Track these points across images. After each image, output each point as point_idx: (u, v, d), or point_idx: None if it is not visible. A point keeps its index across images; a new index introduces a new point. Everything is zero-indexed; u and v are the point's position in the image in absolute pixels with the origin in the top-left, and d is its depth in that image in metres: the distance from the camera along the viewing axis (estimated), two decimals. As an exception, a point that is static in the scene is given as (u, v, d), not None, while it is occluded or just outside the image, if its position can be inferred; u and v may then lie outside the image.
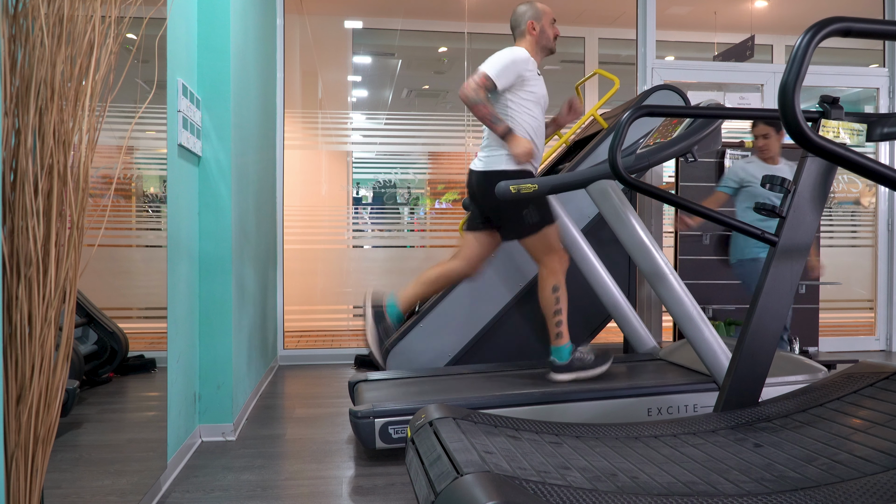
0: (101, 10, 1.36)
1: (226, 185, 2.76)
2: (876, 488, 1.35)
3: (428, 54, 5.51)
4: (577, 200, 3.64)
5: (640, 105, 2.02)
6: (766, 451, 1.64)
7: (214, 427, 2.75)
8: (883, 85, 5.09)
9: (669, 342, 3.88)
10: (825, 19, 1.29)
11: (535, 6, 2.93)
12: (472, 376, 3.02)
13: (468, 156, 5.03)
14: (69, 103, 1.31)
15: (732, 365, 1.97)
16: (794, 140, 1.34)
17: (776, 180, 1.93)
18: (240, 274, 3.00)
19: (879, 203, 5.10)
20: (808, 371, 2.78)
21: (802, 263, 1.97)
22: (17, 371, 1.22)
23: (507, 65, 2.76)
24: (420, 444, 1.64)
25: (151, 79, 2.04)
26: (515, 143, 2.75)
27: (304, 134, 4.90)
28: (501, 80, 2.75)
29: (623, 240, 2.70)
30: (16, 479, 1.23)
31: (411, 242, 5.09)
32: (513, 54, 2.80)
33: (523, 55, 2.82)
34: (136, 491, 1.96)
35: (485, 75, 2.73)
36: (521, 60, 2.80)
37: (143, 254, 2.25)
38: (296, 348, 4.71)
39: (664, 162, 2.43)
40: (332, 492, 2.23)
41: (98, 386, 1.82)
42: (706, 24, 5.50)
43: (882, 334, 5.12)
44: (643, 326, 3.36)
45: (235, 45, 2.87)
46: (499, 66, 2.75)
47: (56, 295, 1.26)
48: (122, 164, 1.91)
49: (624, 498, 1.32)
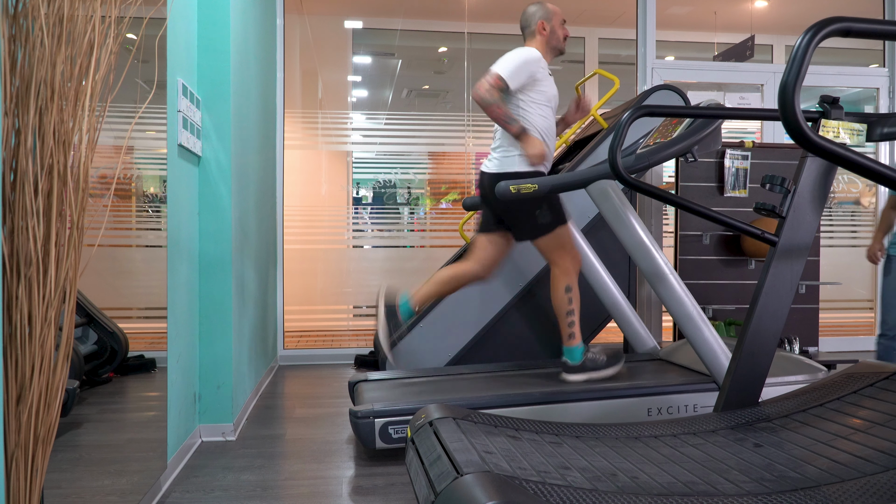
0: (101, 10, 1.36)
1: (226, 185, 2.76)
2: (876, 488, 1.35)
3: (428, 54, 5.51)
4: (577, 200, 3.64)
5: (640, 105, 2.02)
6: (766, 451, 1.64)
7: (214, 427, 2.75)
8: (883, 85, 5.09)
9: (669, 342, 3.88)
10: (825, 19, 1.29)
11: (546, 7, 2.93)
12: (472, 376, 3.02)
13: (468, 156, 5.03)
14: (69, 103, 1.31)
15: (732, 365, 1.97)
16: (794, 140, 1.34)
17: (776, 180, 1.93)
18: (240, 274, 3.00)
19: (879, 203, 5.10)
20: (808, 371, 2.78)
21: (802, 263, 1.97)
22: (17, 371, 1.22)
23: (519, 65, 2.76)
24: (420, 444, 1.64)
25: (151, 79, 2.04)
26: (530, 143, 2.75)
27: (304, 134, 4.90)
28: (514, 80, 2.74)
29: (623, 240, 2.70)
30: (16, 479, 1.23)
31: (411, 242, 5.09)
32: (525, 55, 2.79)
33: (535, 55, 2.81)
34: (136, 491, 1.96)
35: (497, 76, 2.72)
36: (534, 60, 2.79)
37: (143, 254, 2.25)
38: (296, 348, 4.71)
39: (664, 162, 2.43)
40: (332, 492, 2.23)
41: (98, 386, 1.82)
42: (706, 24, 5.50)
43: (882, 334, 5.11)
44: (643, 326, 3.36)
45: (235, 45, 2.87)
46: (511, 67, 2.75)
47: (56, 295, 1.26)
48: (122, 164, 1.91)
49: (624, 498, 1.32)
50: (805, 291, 4.34)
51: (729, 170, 4.22)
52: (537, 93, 2.82)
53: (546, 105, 2.85)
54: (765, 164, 4.28)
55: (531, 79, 2.79)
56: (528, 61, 2.78)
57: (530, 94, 2.81)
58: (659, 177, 4.56)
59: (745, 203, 4.26)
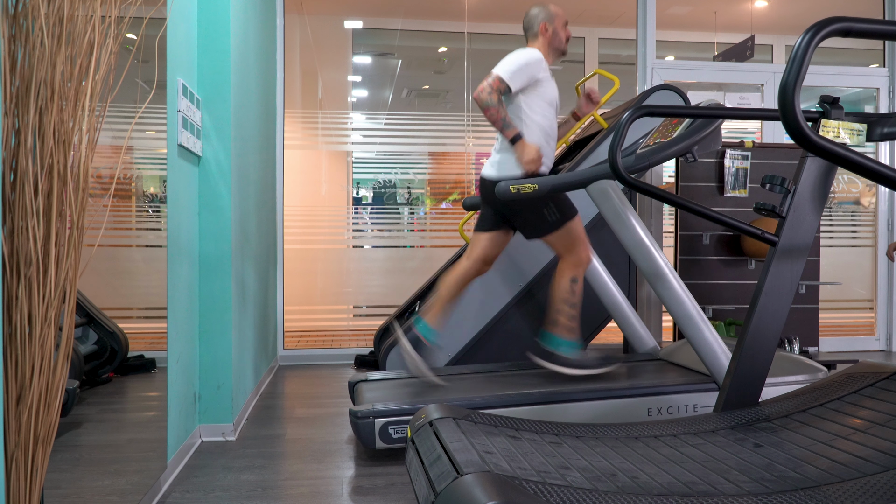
0: (101, 10, 1.36)
1: (226, 185, 2.76)
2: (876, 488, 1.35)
3: (428, 54, 5.51)
4: (577, 200, 3.64)
5: (640, 105, 2.02)
6: (766, 451, 1.64)
7: (214, 427, 2.75)
8: (883, 85, 5.10)
9: (669, 342, 3.88)
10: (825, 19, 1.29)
11: (549, 9, 2.93)
12: (472, 376, 3.02)
13: (468, 156, 5.03)
14: (69, 103, 1.31)
15: (732, 365, 1.97)
16: (794, 140, 1.34)
17: (776, 180, 1.93)
18: (240, 274, 3.00)
19: (879, 203, 5.11)
20: (808, 371, 2.78)
21: (802, 263, 1.97)
22: (17, 371, 1.22)
23: (521, 66, 2.75)
24: (420, 444, 1.64)
25: (151, 79, 2.04)
26: (524, 149, 2.74)
27: (304, 134, 4.90)
28: (515, 82, 2.74)
29: (623, 240, 2.70)
30: (16, 479, 1.23)
31: (411, 242, 5.09)
32: (527, 56, 2.78)
33: (537, 56, 2.80)
34: (136, 491, 1.96)
35: (498, 78, 2.72)
36: (536, 62, 2.79)
37: (143, 254, 2.25)
38: (296, 348, 4.71)
39: (664, 162, 2.43)
40: (332, 492, 2.23)
41: (98, 386, 1.82)
42: (706, 24, 5.50)
43: (882, 334, 5.12)
44: (643, 326, 3.36)
45: (235, 45, 2.87)
46: (513, 68, 2.74)
47: (56, 295, 1.26)
48: (122, 164, 1.91)
49: (624, 498, 1.32)
50: (805, 291, 4.34)
51: (729, 170, 4.22)
52: (538, 94, 2.82)
53: (548, 106, 2.85)
54: (765, 164, 4.28)
55: (532, 80, 2.78)
56: (529, 63, 2.77)
57: (532, 96, 2.81)
58: (659, 177, 4.56)
59: (745, 203, 4.26)
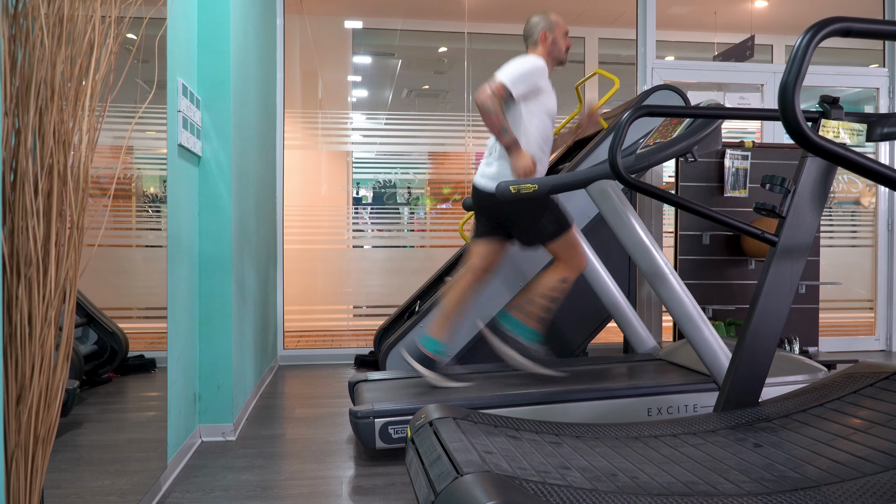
0: (101, 10, 1.36)
1: (226, 185, 2.76)
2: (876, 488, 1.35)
3: (428, 54, 5.51)
4: (577, 200, 3.64)
5: (640, 105, 2.02)
6: (766, 451, 1.64)
7: (214, 427, 2.75)
8: (883, 85, 5.09)
9: (669, 342, 3.88)
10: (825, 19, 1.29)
11: (549, 18, 2.92)
12: (472, 376, 3.02)
13: (468, 156, 5.03)
14: (69, 103, 1.31)
15: (732, 365, 1.97)
16: (794, 140, 1.34)
17: (776, 180, 1.93)
18: (240, 274, 3.00)
19: (879, 203, 5.11)
20: (808, 371, 2.78)
21: (802, 263, 1.97)
22: (17, 371, 1.22)
23: (524, 73, 2.74)
24: (420, 444, 1.64)
25: (151, 79, 2.04)
26: (518, 157, 2.73)
27: (304, 134, 4.90)
28: (517, 88, 2.73)
29: (623, 240, 2.70)
30: (16, 479, 1.23)
31: (411, 242, 5.09)
32: (531, 63, 2.77)
33: (540, 65, 2.79)
34: (136, 491, 1.96)
35: (501, 85, 2.70)
36: (538, 70, 2.78)
37: (143, 254, 2.25)
38: (296, 348, 4.71)
39: (664, 162, 2.43)
40: (332, 492, 2.23)
41: (98, 386, 1.82)
42: (706, 24, 5.50)
43: (882, 334, 5.12)
44: (643, 326, 3.36)
45: (235, 45, 2.87)
46: (515, 75, 2.73)
47: (56, 295, 1.26)
48: (122, 164, 1.91)
49: (624, 498, 1.32)
50: (805, 291, 4.34)
51: (729, 170, 4.22)
52: (538, 103, 2.81)
53: (546, 115, 2.84)
54: (765, 164, 4.28)
55: (534, 88, 2.78)
56: (532, 71, 2.76)
57: (531, 104, 2.80)
58: (659, 177, 4.56)
59: (745, 203, 4.26)
